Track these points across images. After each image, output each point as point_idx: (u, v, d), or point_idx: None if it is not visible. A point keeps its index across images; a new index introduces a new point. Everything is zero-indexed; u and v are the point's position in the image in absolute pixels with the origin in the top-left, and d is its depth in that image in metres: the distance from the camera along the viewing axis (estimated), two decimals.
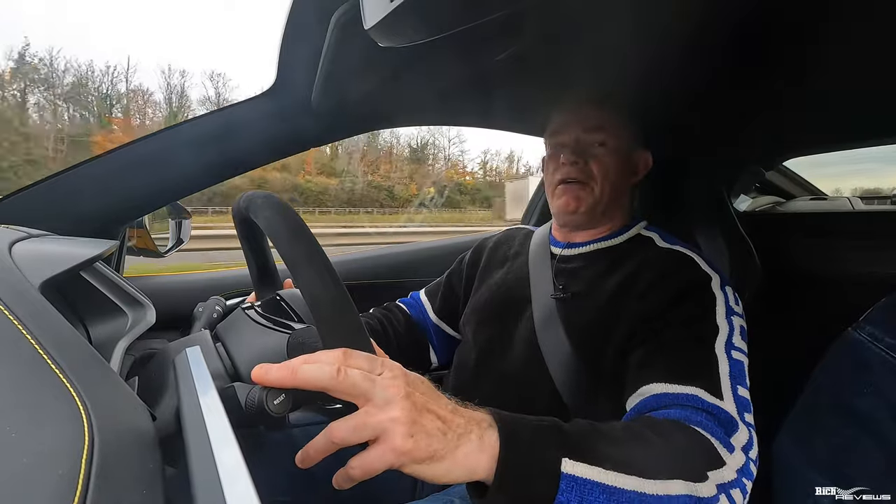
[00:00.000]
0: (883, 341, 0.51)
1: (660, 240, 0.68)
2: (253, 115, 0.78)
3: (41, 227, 0.56)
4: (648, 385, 0.51)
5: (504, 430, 0.37)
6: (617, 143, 0.68)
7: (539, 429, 0.39)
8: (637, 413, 0.51)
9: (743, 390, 0.50)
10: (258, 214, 0.41)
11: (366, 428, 0.32)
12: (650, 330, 0.56)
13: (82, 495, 0.18)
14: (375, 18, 0.41)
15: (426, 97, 0.85)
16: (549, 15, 0.54)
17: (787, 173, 1.32)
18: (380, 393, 0.33)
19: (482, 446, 0.35)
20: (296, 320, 0.50)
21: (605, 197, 0.68)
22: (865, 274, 0.86)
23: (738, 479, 0.43)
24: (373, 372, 0.34)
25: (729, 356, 0.52)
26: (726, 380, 0.50)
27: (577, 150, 0.68)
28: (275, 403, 0.33)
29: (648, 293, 0.59)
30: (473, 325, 0.75)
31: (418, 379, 0.37)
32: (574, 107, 0.72)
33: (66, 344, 0.28)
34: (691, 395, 0.48)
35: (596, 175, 0.67)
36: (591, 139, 0.68)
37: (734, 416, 0.48)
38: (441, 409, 0.35)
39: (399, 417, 0.32)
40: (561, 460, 0.37)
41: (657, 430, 0.44)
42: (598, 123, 0.68)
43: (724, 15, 0.56)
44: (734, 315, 0.56)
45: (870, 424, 0.49)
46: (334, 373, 0.32)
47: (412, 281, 1.10)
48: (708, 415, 0.47)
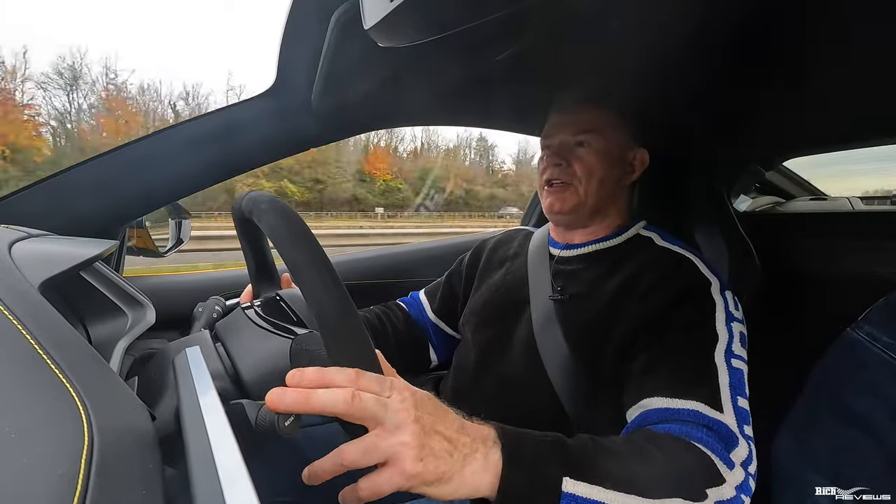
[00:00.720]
0: (881, 341, 0.51)
1: (659, 239, 0.68)
2: (253, 115, 0.78)
3: (41, 227, 0.56)
4: (649, 398, 0.51)
5: (507, 448, 0.37)
6: (603, 142, 0.68)
7: (542, 445, 0.40)
8: (637, 426, 0.51)
9: (743, 401, 0.50)
10: (261, 218, 0.41)
11: (376, 451, 0.33)
12: (651, 334, 0.56)
13: (82, 495, 0.18)
14: (375, 18, 0.41)
15: (426, 97, 0.85)
16: (548, 15, 0.54)
17: (787, 173, 1.32)
18: (391, 417, 0.33)
19: (486, 465, 0.36)
20: (296, 321, 0.50)
21: (590, 197, 0.68)
22: (865, 274, 0.86)
23: (737, 496, 0.43)
24: (382, 394, 0.34)
25: (729, 365, 0.52)
26: (726, 391, 0.50)
27: (559, 152, 0.69)
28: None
29: (649, 294, 0.59)
30: (472, 326, 0.75)
31: (426, 397, 0.37)
32: (561, 109, 0.72)
33: (65, 344, 0.28)
34: (692, 411, 0.48)
35: (580, 175, 0.67)
36: (574, 140, 0.69)
37: (734, 430, 0.48)
38: (448, 429, 0.36)
39: (409, 442, 0.33)
40: (562, 479, 0.37)
41: (658, 446, 0.44)
42: (583, 125, 0.68)
43: (723, 15, 0.56)
44: (734, 321, 0.56)
45: (869, 424, 0.49)
46: (349, 398, 0.32)
47: (412, 281, 1.11)
48: (708, 430, 0.47)
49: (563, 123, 0.70)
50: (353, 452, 0.33)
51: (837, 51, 0.62)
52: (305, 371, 0.34)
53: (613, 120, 0.69)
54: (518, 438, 0.39)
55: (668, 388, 0.50)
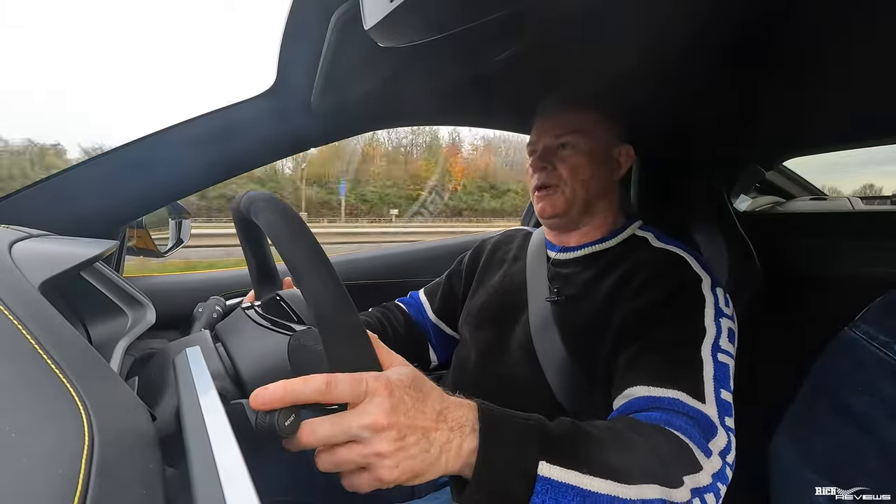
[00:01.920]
0: (878, 339, 0.51)
1: (654, 240, 0.68)
2: (253, 114, 0.78)
3: (41, 227, 0.56)
4: (633, 388, 0.52)
5: (485, 433, 0.37)
6: (587, 143, 0.68)
7: (521, 428, 0.40)
8: (620, 414, 0.51)
9: (726, 394, 0.51)
10: (259, 216, 0.41)
11: (351, 463, 0.33)
12: (640, 328, 0.56)
13: (82, 495, 0.18)
14: (375, 18, 0.41)
15: (426, 97, 0.85)
16: (548, 15, 0.54)
17: (787, 173, 1.32)
18: (362, 434, 0.33)
19: (460, 454, 0.36)
20: (296, 321, 0.50)
21: (578, 197, 0.68)
22: (865, 274, 0.86)
23: (713, 483, 0.44)
24: (357, 400, 0.33)
25: (714, 359, 0.52)
26: (710, 383, 0.50)
27: (543, 156, 0.70)
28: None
29: (641, 292, 0.59)
30: (471, 327, 0.76)
31: (405, 387, 0.36)
32: (544, 113, 0.73)
33: (66, 344, 0.28)
34: (673, 399, 0.49)
35: (565, 177, 0.68)
36: (556, 143, 0.69)
37: (714, 420, 0.48)
38: (426, 420, 0.35)
39: (384, 451, 0.33)
40: (539, 463, 0.37)
41: (638, 433, 0.44)
42: (566, 127, 0.69)
43: (724, 15, 0.56)
44: (723, 317, 0.56)
45: (867, 423, 0.49)
46: (323, 386, 0.32)
47: (412, 281, 1.11)
48: (688, 419, 0.47)
49: (545, 127, 0.71)
50: (328, 463, 0.34)
51: (837, 51, 0.62)
52: (269, 386, 0.33)
53: (597, 120, 0.70)
54: (499, 420, 0.39)
55: (652, 377, 0.51)
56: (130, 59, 73.50)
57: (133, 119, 56.70)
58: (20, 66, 74.47)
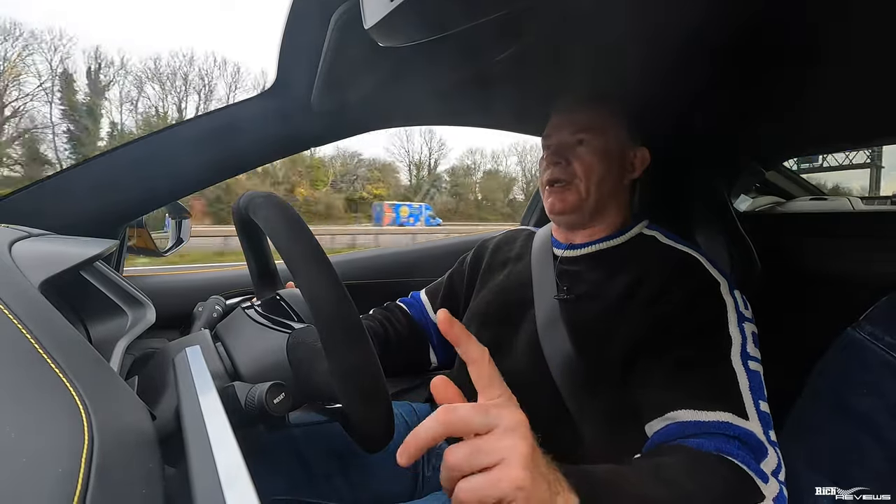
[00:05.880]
0: (883, 340, 0.51)
1: (663, 238, 0.68)
2: (253, 114, 0.78)
3: (41, 226, 0.56)
4: (675, 411, 0.50)
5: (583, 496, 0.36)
6: (602, 141, 0.68)
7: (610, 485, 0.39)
8: (664, 439, 0.50)
9: (764, 405, 0.50)
10: (257, 213, 0.41)
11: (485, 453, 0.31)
12: (665, 338, 0.55)
13: (82, 494, 0.18)
14: (375, 18, 0.41)
15: (426, 97, 0.85)
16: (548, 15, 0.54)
17: (787, 173, 1.32)
18: (500, 421, 0.32)
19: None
20: (296, 320, 0.50)
21: (591, 195, 0.68)
22: (866, 274, 0.86)
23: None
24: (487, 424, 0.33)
25: (746, 368, 0.52)
26: (748, 396, 0.50)
27: (559, 151, 0.69)
28: (275, 402, 0.33)
29: (659, 297, 0.58)
30: (475, 327, 0.75)
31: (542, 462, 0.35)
32: (560, 109, 0.72)
33: (66, 344, 0.28)
34: (722, 423, 0.48)
35: (580, 174, 0.67)
36: (573, 139, 0.69)
37: (761, 438, 0.48)
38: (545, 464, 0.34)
39: (518, 446, 0.31)
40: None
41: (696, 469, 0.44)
42: (582, 124, 0.68)
43: (724, 15, 0.56)
44: (745, 321, 0.56)
45: (869, 424, 0.49)
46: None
47: (412, 281, 1.11)
48: (740, 442, 0.47)
49: (562, 123, 0.70)
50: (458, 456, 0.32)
51: (837, 51, 0.62)
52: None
53: (612, 119, 0.69)
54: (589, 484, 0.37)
55: (693, 398, 0.50)
56: (130, 58, 73.34)
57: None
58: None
